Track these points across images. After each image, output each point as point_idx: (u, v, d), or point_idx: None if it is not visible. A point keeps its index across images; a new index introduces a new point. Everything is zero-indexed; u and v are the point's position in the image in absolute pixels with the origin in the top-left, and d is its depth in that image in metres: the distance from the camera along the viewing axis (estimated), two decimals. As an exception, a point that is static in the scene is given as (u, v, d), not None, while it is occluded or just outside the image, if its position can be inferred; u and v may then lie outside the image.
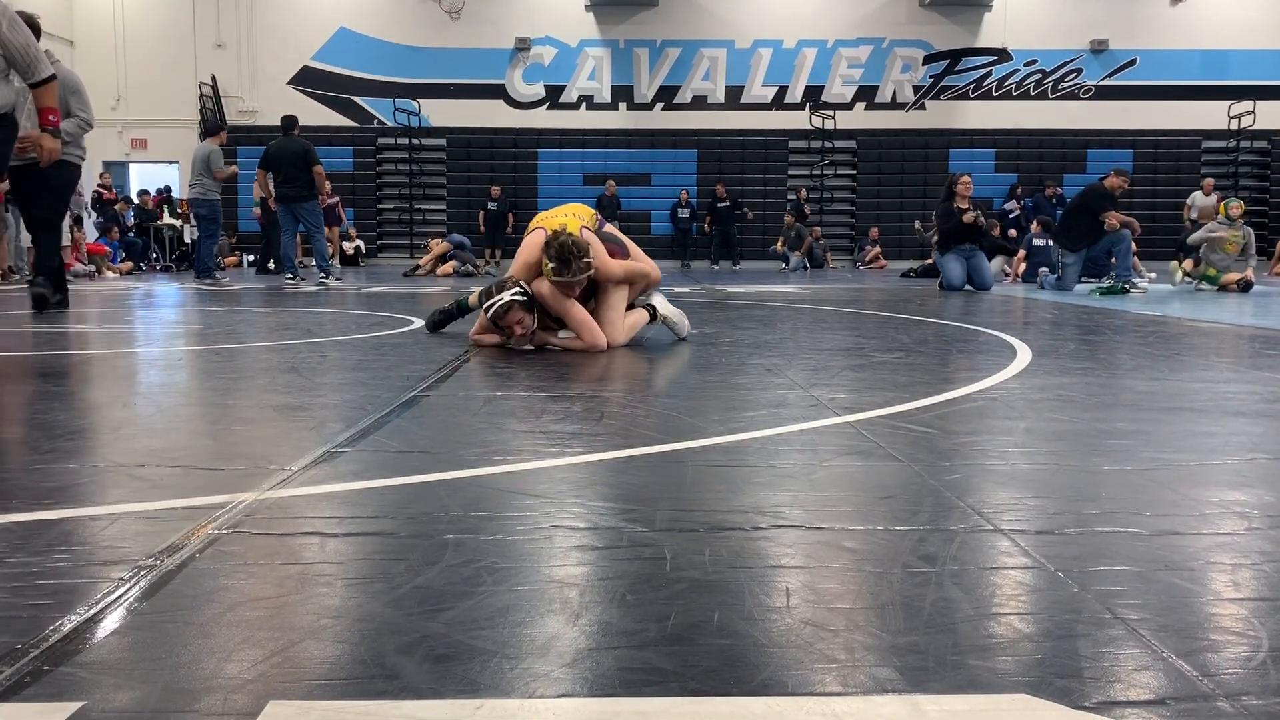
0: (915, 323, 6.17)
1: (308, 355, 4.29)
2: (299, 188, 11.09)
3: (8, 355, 4.44)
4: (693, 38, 21.25)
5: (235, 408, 3.04)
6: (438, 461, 2.20)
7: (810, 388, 3.32)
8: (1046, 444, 2.49)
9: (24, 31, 5.57)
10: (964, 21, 21.19)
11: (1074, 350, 4.68)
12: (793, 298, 8.97)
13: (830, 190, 21.17)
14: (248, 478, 2.02)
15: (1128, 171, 10.92)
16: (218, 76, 21.03)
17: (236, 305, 7.72)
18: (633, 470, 2.16)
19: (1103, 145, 20.61)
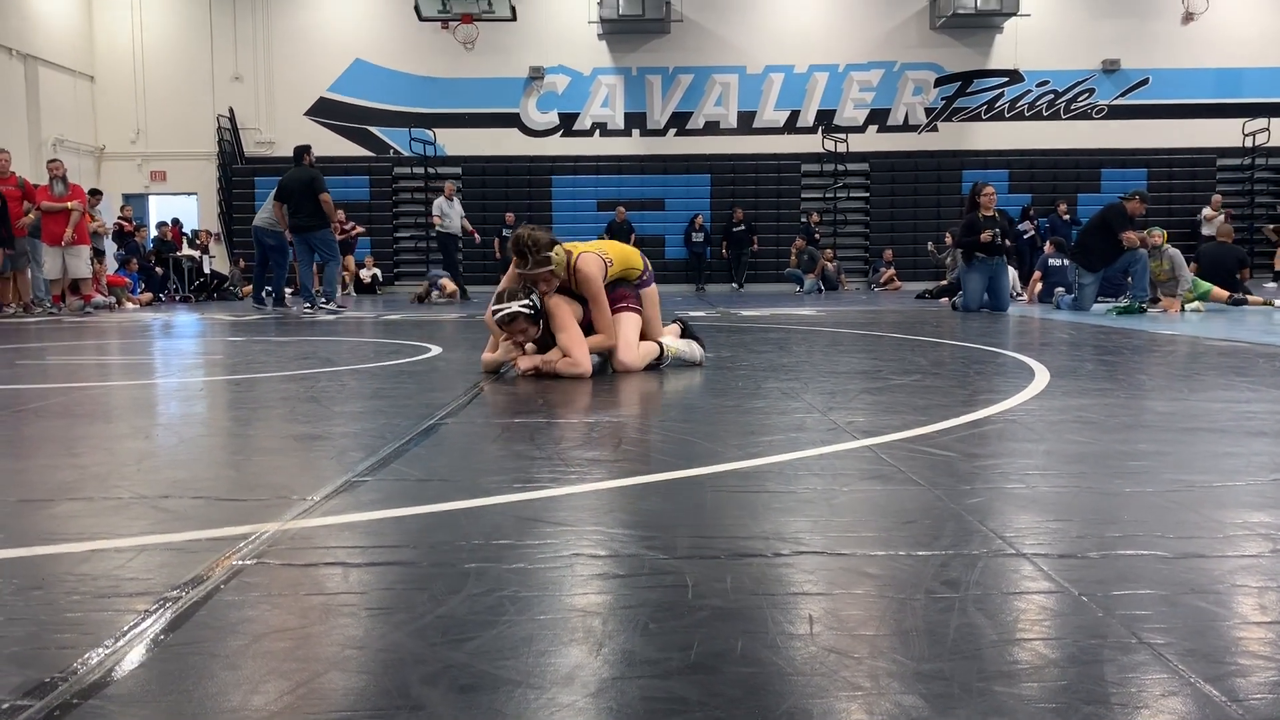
0: (932, 345, 6.16)
1: (327, 384, 4.31)
2: (306, 217, 11.15)
3: (31, 387, 4.48)
4: (705, 64, 21.36)
5: (256, 438, 3.06)
6: (458, 489, 2.21)
7: (828, 411, 3.32)
8: (1067, 466, 2.48)
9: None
10: (975, 44, 21.24)
11: (1092, 371, 4.66)
12: (808, 320, 8.97)
13: (844, 213, 21.18)
14: (270, 508, 2.04)
15: (1147, 195, 10.89)
16: (235, 109, 21.26)
17: (256, 335, 7.78)
18: (652, 496, 2.16)
19: (1117, 165, 20.56)
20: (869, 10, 21.26)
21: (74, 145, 20.12)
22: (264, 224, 11.75)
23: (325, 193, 11.20)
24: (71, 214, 11.90)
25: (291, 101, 21.19)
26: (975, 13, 20.24)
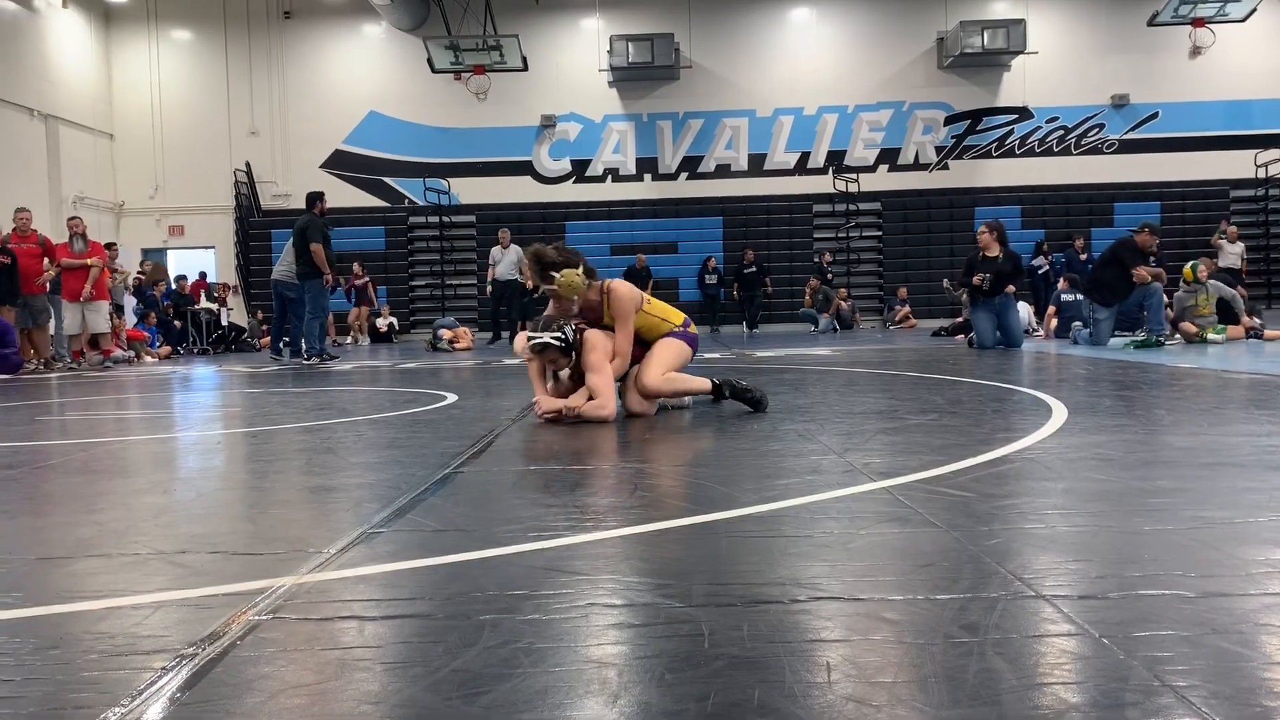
0: (948, 383, 6.14)
1: (344, 435, 4.33)
2: (303, 265, 11.20)
3: (51, 443, 4.52)
4: (714, 109, 21.56)
5: (273, 490, 3.07)
6: (473, 540, 2.21)
7: (844, 453, 3.30)
8: (1086, 505, 2.46)
9: None
10: (983, 82, 21.37)
11: (1110, 406, 4.63)
12: (823, 360, 8.95)
13: (857, 252, 21.22)
14: (286, 562, 2.04)
15: (1159, 229, 10.87)
16: (252, 163, 21.56)
17: (273, 386, 7.82)
18: (667, 543, 2.15)
19: (1129, 198, 20.56)
20: (877, 52, 21.44)
21: (94, 202, 20.42)
22: (283, 276, 11.86)
23: (316, 243, 11.11)
24: (91, 270, 12.05)
25: (307, 154, 21.47)
26: (983, 51, 20.39)
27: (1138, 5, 20.20)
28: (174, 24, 21.79)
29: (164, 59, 21.78)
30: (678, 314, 4.90)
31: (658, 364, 4.63)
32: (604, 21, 21.08)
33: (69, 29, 20.23)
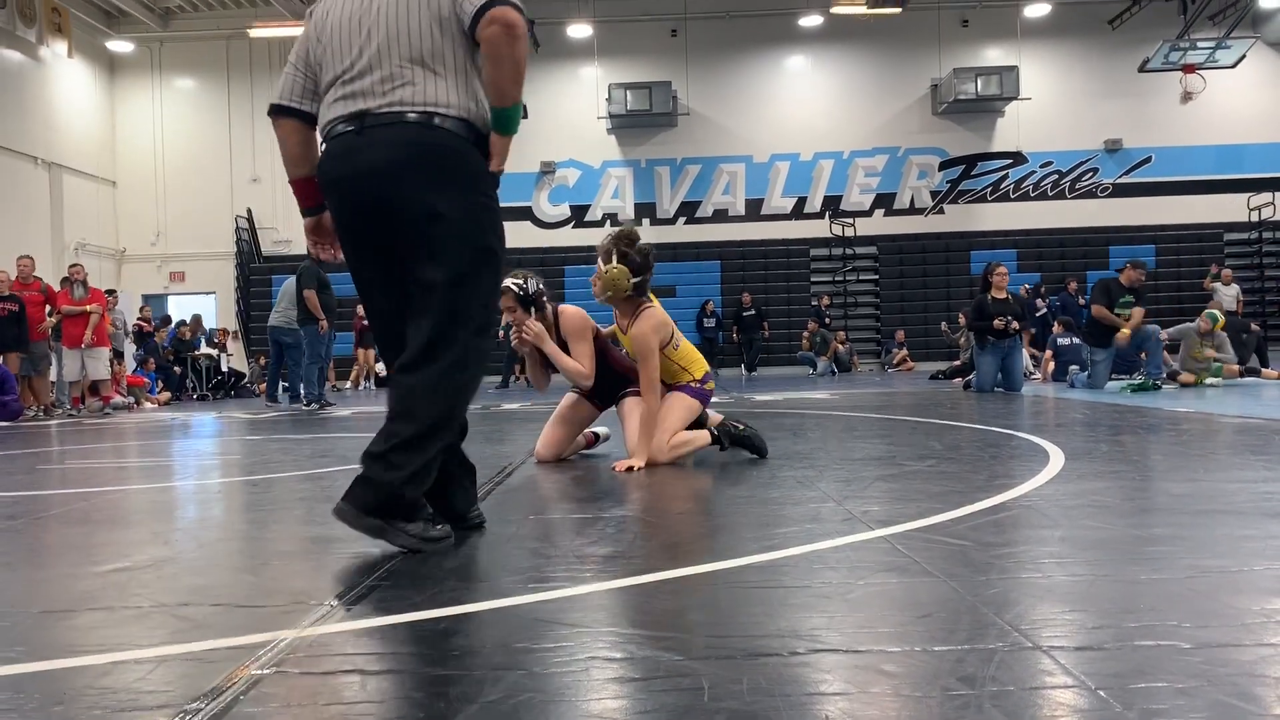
0: (946, 428, 6.16)
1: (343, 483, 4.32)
2: (300, 311, 11.31)
3: (52, 493, 4.53)
4: (712, 154, 21.79)
5: (274, 541, 3.08)
6: (473, 591, 2.22)
7: (843, 500, 3.32)
8: (1083, 553, 2.47)
9: None
10: (977, 128, 21.62)
11: (1107, 452, 4.65)
12: (822, 404, 8.98)
13: (854, 295, 21.34)
14: (288, 614, 2.05)
15: (1144, 263, 10.94)
16: (253, 209, 21.73)
17: (272, 434, 7.83)
18: (667, 594, 2.16)
19: (1124, 241, 20.72)
20: (871, 98, 21.72)
21: (96, 248, 20.55)
22: (280, 322, 11.93)
23: (309, 289, 11.22)
24: (91, 317, 12.10)
25: (308, 201, 21.63)
26: (976, 98, 20.67)
27: (1129, 52, 20.49)
28: (177, 73, 22.07)
29: (167, 107, 22.04)
30: (702, 365, 4.78)
31: (667, 430, 4.53)
32: (602, 70, 21.36)
33: (74, 78, 20.48)
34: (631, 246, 4.58)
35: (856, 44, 21.43)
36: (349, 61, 2.67)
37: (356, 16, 2.69)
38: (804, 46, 21.77)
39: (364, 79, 2.65)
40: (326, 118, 2.72)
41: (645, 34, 21.61)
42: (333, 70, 2.71)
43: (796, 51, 21.87)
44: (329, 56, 2.72)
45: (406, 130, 2.62)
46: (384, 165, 2.61)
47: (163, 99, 22.03)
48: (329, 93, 2.72)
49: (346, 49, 2.68)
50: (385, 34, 2.64)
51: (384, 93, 2.63)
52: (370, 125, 2.62)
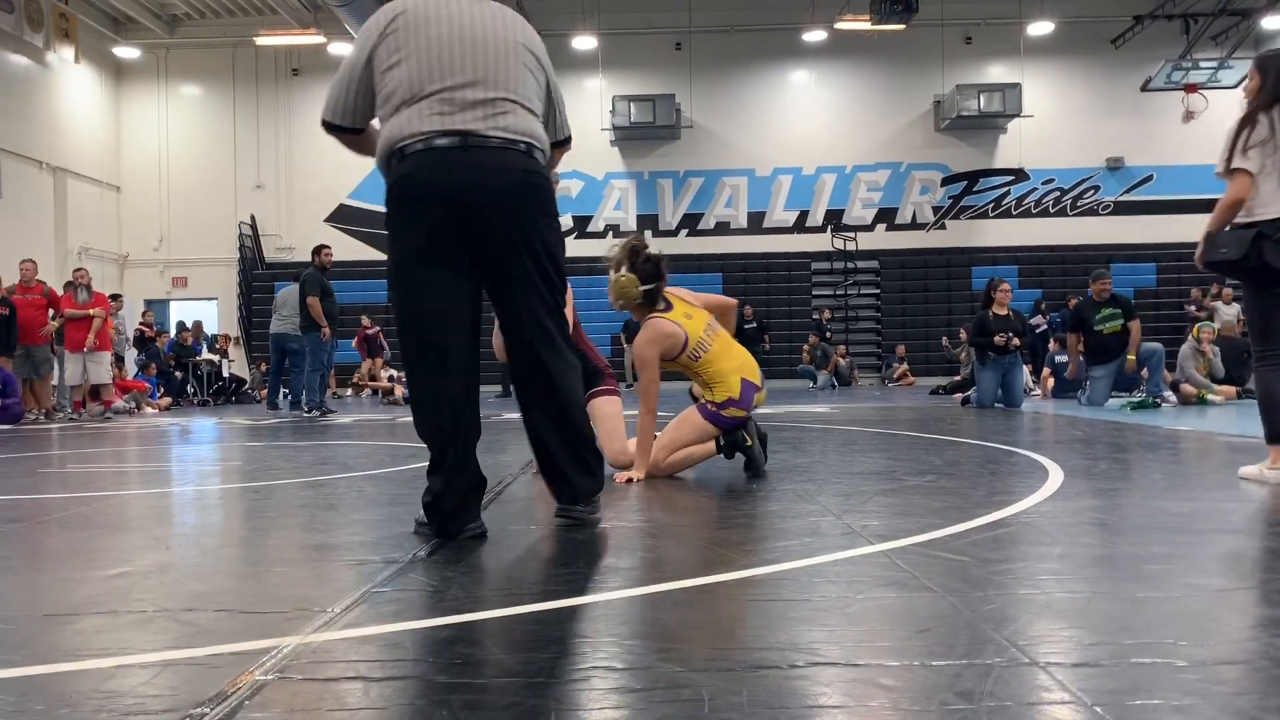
0: (946, 443, 6.17)
1: (345, 490, 4.36)
2: (303, 319, 11.36)
3: (53, 497, 4.54)
4: (714, 168, 21.86)
5: (277, 547, 3.09)
6: (475, 600, 2.23)
7: (842, 515, 3.33)
8: (1081, 570, 2.49)
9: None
10: (979, 144, 21.69)
11: (1106, 470, 4.66)
12: (822, 418, 8.99)
13: (855, 309, 21.38)
14: (291, 621, 2.06)
15: (1106, 274, 10.96)
16: (257, 216, 21.78)
17: (274, 440, 7.85)
18: (668, 606, 2.18)
19: (1125, 259, 20.76)
20: (874, 114, 21.79)
21: (99, 253, 20.59)
22: (283, 329, 11.98)
23: (312, 296, 11.23)
24: (93, 321, 12.13)
25: (312, 208, 21.71)
26: (979, 114, 20.74)
27: (1131, 71, 20.58)
28: (183, 80, 22.15)
29: (173, 114, 22.11)
30: (726, 388, 4.52)
31: (664, 447, 4.50)
32: (607, 82, 21.44)
33: (80, 84, 20.56)
34: (638, 255, 4.58)
35: (860, 59, 21.52)
36: (458, 79, 2.84)
37: (464, 36, 2.88)
38: (808, 61, 21.85)
39: (473, 94, 2.84)
40: (417, 128, 2.83)
41: (649, 47, 21.70)
42: (424, 84, 2.84)
43: (800, 66, 21.95)
44: (423, 70, 2.85)
45: (516, 157, 2.87)
46: (498, 186, 2.84)
47: (168, 105, 22.10)
48: (419, 103, 2.84)
49: (454, 65, 2.85)
50: (500, 61, 2.90)
51: (488, 116, 2.85)
52: (475, 146, 2.82)
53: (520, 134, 2.90)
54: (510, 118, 2.89)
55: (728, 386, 4.52)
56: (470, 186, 2.81)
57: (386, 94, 2.89)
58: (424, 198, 2.83)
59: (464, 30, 2.89)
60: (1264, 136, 4.00)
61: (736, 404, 4.53)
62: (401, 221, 2.88)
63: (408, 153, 2.83)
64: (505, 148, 2.86)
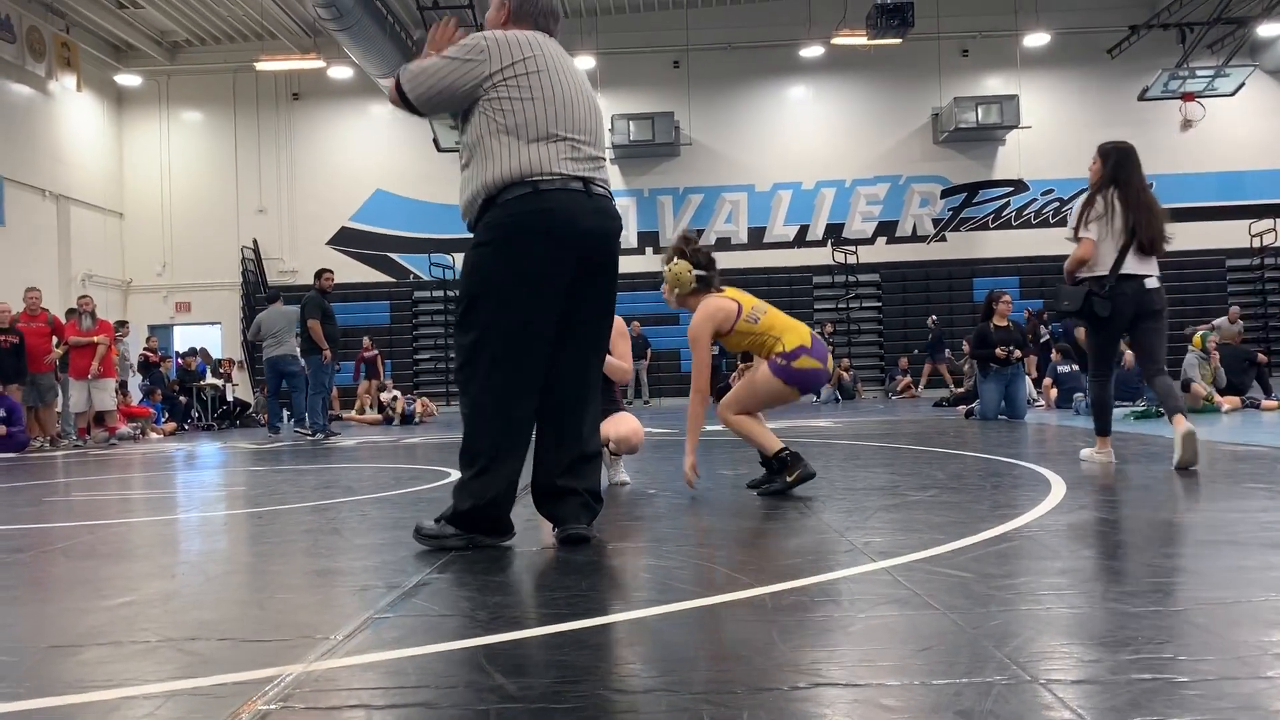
0: (949, 456, 6.17)
1: (348, 515, 4.37)
2: (303, 341, 11.43)
3: (58, 525, 4.55)
4: (714, 184, 21.92)
5: (280, 574, 3.10)
6: (478, 625, 2.24)
7: (845, 532, 3.33)
8: (1083, 585, 2.49)
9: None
10: (978, 156, 21.74)
11: (1108, 481, 4.66)
12: (825, 433, 8.99)
13: (857, 323, 21.40)
14: (294, 649, 2.07)
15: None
16: (259, 240, 21.85)
17: (277, 464, 7.86)
18: (670, 628, 2.18)
19: (1127, 268, 20.76)
20: (873, 127, 21.85)
21: (102, 280, 20.66)
22: (279, 352, 12.08)
23: (313, 319, 11.30)
24: (98, 348, 12.16)
25: (314, 232, 21.78)
26: (977, 127, 20.79)
27: (1128, 80, 20.62)
28: (185, 106, 22.27)
29: (174, 140, 22.21)
30: (797, 335, 4.45)
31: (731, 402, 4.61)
32: (606, 100, 21.50)
33: (82, 112, 20.67)
34: (689, 244, 4.67)
35: (857, 74, 21.59)
36: (580, 131, 3.21)
37: (582, 94, 3.26)
38: (805, 77, 21.93)
39: (588, 149, 3.23)
40: (552, 167, 3.13)
41: (647, 65, 21.79)
42: (560, 128, 3.17)
43: (798, 82, 22.03)
44: (557, 115, 3.17)
45: (615, 208, 3.34)
46: (612, 231, 3.30)
47: (170, 132, 22.21)
48: (553, 145, 3.15)
49: (578, 119, 3.21)
50: (600, 124, 3.33)
51: (597, 168, 3.27)
52: (594, 193, 3.22)
53: (609, 184, 3.37)
54: (605, 173, 3.35)
55: (798, 334, 4.47)
56: (594, 228, 3.20)
57: (515, 124, 3.13)
58: (556, 230, 3.11)
59: (581, 87, 3.28)
60: (1100, 212, 5.16)
61: (809, 352, 4.40)
62: (527, 249, 3.11)
63: (542, 188, 3.11)
64: (608, 196, 3.31)
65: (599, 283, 3.28)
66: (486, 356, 3.14)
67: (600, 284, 3.29)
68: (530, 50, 3.18)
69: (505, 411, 3.14)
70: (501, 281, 3.12)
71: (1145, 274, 5.15)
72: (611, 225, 3.29)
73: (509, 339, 3.12)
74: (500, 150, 3.13)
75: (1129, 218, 5.12)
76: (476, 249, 3.22)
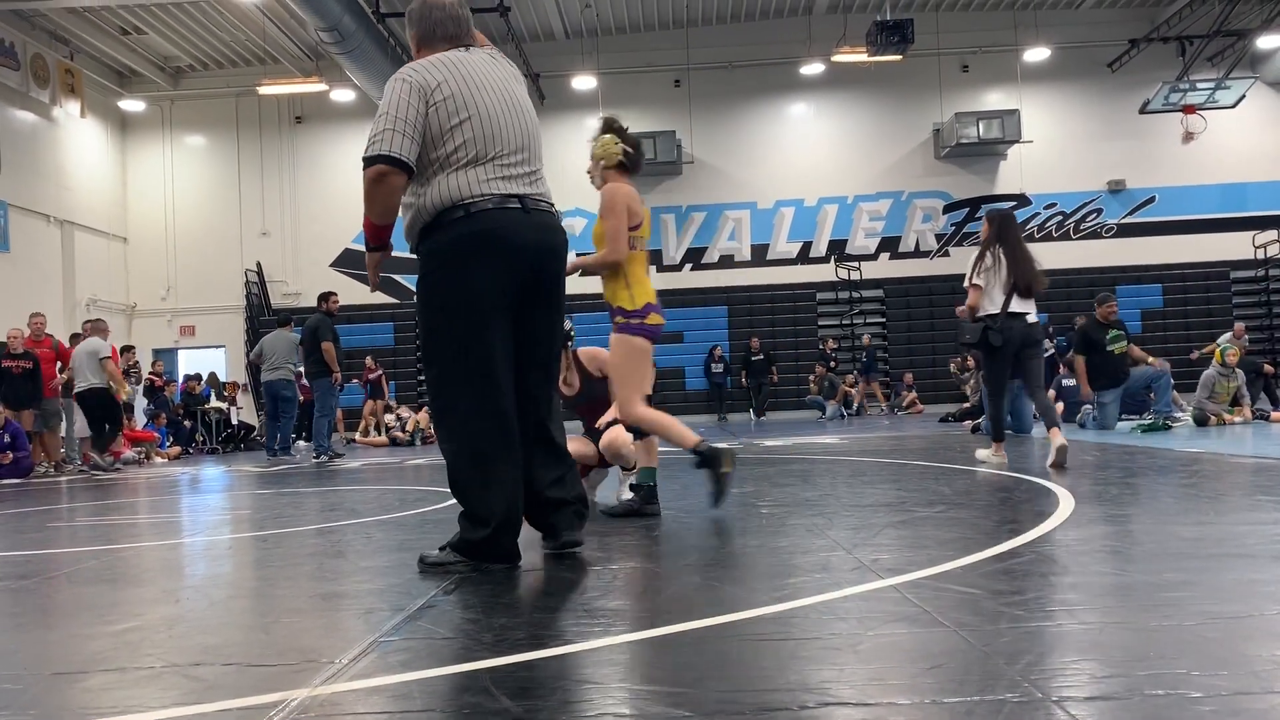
0: (956, 472, 6.15)
1: (353, 537, 4.35)
2: (312, 364, 11.46)
3: (63, 551, 4.54)
4: (717, 201, 21.96)
5: (285, 598, 3.08)
6: (483, 646, 2.22)
7: (853, 549, 3.31)
8: (1094, 600, 2.47)
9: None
10: (980, 171, 21.77)
11: (1117, 495, 4.63)
12: (832, 449, 8.97)
13: (861, 338, 21.38)
14: (300, 673, 2.06)
15: (1112, 297, 10.92)
16: (263, 263, 21.91)
17: (282, 487, 7.85)
18: (678, 648, 2.16)
19: (1131, 281, 20.73)
20: (874, 144, 21.90)
21: (107, 304, 20.69)
22: (278, 378, 12.16)
23: (327, 341, 11.40)
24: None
25: (317, 254, 21.83)
26: (978, 141, 20.82)
27: (1129, 94, 20.67)
28: (188, 130, 22.37)
29: (178, 164, 22.31)
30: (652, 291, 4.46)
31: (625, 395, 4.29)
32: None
33: (86, 137, 20.77)
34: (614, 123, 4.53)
35: (858, 90, 21.65)
36: (509, 148, 3.21)
37: (509, 109, 3.24)
38: (806, 94, 22.00)
39: (521, 168, 3.23)
40: (482, 190, 3.15)
41: (648, 85, 21.87)
42: (486, 149, 3.17)
43: (799, 99, 22.10)
44: (480, 135, 3.17)
45: (556, 218, 3.34)
46: (555, 245, 3.29)
47: (173, 156, 22.30)
48: (479, 167, 3.16)
49: (505, 136, 3.21)
50: (533, 135, 3.30)
51: (532, 183, 3.26)
52: (530, 209, 3.21)
53: (549, 198, 3.35)
54: (544, 184, 3.33)
55: (646, 290, 4.42)
56: (534, 243, 3.20)
57: (447, 152, 3.15)
58: (494, 250, 3.13)
59: (507, 101, 3.25)
60: (989, 265, 6.44)
61: (656, 309, 4.44)
62: (466, 273, 3.15)
63: (474, 210, 3.13)
64: (548, 211, 3.30)
65: (547, 298, 3.30)
66: (451, 387, 3.19)
67: (548, 298, 3.31)
68: (438, 77, 3.16)
69: (480, 438, 3.15)
70: (449, 308, 3.17)
71: (1026, 312, 6.40)
72: (553, 239, 3.29)
73: (468, 366, 3.15)
74: (430, 178, 3.18)
75: (1012, 269, 6.34)
76: (422, 280, 3.27)
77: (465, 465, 3.19)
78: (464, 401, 3.17)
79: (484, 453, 3.16)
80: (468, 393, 3.16)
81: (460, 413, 3.19)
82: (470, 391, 3.16)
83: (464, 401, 3.17)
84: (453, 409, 3.20)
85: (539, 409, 3.32)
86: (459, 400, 3.18)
